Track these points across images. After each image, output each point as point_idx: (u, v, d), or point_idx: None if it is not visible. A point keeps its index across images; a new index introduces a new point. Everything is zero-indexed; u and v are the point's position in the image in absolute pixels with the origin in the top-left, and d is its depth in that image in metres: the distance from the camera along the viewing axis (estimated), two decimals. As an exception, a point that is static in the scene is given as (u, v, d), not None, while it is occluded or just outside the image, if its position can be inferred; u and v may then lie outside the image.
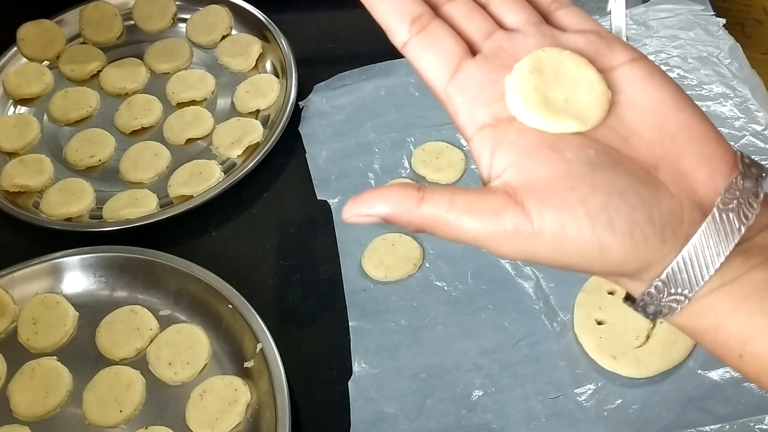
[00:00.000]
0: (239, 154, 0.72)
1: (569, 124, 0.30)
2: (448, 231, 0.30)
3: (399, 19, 0.33)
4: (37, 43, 0.83)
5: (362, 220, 0.30)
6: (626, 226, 0.28)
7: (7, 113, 0.79)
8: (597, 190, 0.28)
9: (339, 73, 0.78)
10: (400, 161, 0.70)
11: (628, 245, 0.28)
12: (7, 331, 0.62)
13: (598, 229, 0.28)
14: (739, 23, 0.95)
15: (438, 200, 0.30)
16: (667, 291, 0.29)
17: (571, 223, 0.28)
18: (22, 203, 0.71)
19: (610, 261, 0.29)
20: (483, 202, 0.29)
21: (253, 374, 0.57)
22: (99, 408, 0.57)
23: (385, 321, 0.60)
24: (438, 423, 0.55)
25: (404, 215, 0.30)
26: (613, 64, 0.32)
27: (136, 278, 0.63)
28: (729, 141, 0.70)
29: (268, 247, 0.67)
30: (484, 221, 0.29)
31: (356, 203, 0.30)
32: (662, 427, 0.52)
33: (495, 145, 0.31)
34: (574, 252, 0.29)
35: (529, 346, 0.57)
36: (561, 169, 0.29)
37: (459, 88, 0.32)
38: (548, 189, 0.29)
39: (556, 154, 0.30)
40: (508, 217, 0.29)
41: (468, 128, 0.32)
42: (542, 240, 0.29)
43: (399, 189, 0.30)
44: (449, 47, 0.32)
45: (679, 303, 0.29)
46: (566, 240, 0.28)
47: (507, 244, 0.29)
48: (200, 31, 0.84)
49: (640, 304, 0.31)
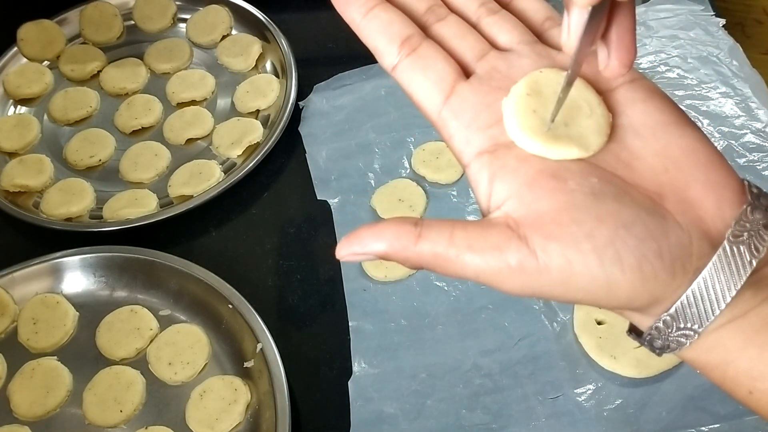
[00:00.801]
0: (239, 154, 0.72)
1: (571, 151, 0.29)
2: (448, 268, 0.28)
3: (387, 40, 0.31)
4: (37, 43, 0.83)
5: (357, 258, 0.29)
6: (635, 260, 0.27)
7: (7, 113, 0.79)
8: (603, 223, 0.27)
9: (339, 73, 0.78)
10: (400, 161, 0.70)
11: (637, 280, 0.27)
12: (7, 331, 0.62)
13: (606, 264, 0.27)
14: (739, 23, 0.95)
15: (436, 236, 0.28)
16: (675, 326, 0.28)
17: (578, 258, 0.27)
18: (22, 203, 0.71)
19: (618, 296, 0.28)
20: (484, 237, 0.28)
21: (253, 374, 0.57)
22: (99, 408, 0.57)
23: (385, 321, 0.60)
24: (438, 423, 0.55)
25: (401, 252, 0.29)
26: (611, 84, 0.31)
27: (136, 278, 0.64)
28: (730, 139, 0.70)
29: (268, 247, 0.67)
30: (486, 257, 0.28)
31: (350, 242, 0.29)
32: (662, 427, 0.52)
33: (493, 173, 0.29)
34: (580, 288, 0.27)
35: (529, 346, 0.57)
36: (564, 200, 0.28)
37: (453, 113, 0.31)
38: (552, 222, 0.28)
39: (558, 183, 0.28)
40: (511, 253, 0.27)
41: (464, 154, 0.31)
42: (548, 276, 0.27)
43: (395, 225, 0.29)
44: (441, 69, 0.31)
45: (688, 338, 0.28)
46: (573, 276, 0.27)
47: (510, 281, 0.28)
48: (200, 31, 0.84)
49: (646, 338, 0.29)
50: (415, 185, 0.68)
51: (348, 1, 0.32)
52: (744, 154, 0.67)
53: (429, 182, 0.69)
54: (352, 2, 0.32)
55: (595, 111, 0.30)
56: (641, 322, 0.30)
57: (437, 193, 0.68)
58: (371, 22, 0.32)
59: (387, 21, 0.31)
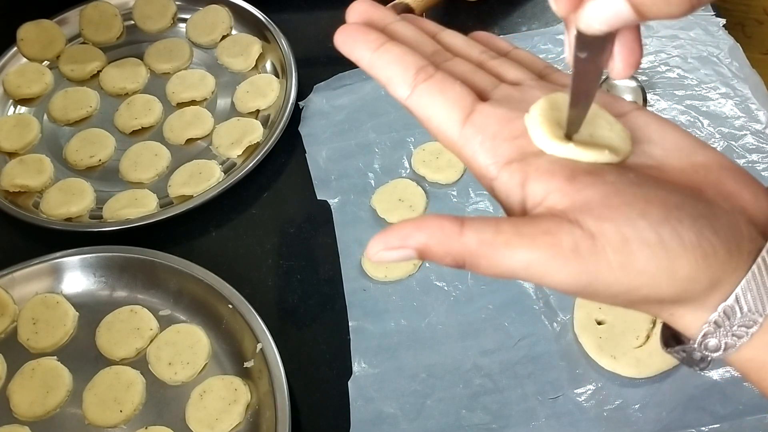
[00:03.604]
0: (239, 154, 0.72)
1: (603, 154, 0.29)
2: (494, 259, 0.26)
3: (402, 69, 0.31)
4: (37, 43, 0.83)
5: (392, 256, 0.27)
6: (693, 235, 0.26)
7: (7, 113, 0.79)
8: (653, 204, 0.26)
9: (339, 73, 0.78)
10: (400, 161, 0.70)
11: (699, 257, 0.26)
12: (7, 331, 0.62)
13: (665, 240, 0.26)
14: (739, 23, 0.95)
15: (481, 225, 0.26)
16: (736, 316, 0.27)
17: (635, 236, 0.26)
18: (22, 203, 0.71)
19: (680, 278, 0.26)
20: (533, 223, 0.26)
21: (253, 374, 0.57)
22: (99, 408, 0.57)
23: (385, 321, 0.60)
24: (438, 423, 0.55)
25: (443, 244, 0.26)
26: (622, 111, 0.31)
27: (136, 278, 0.64)
28: (729, 140, 0.70)
29: (268, 247, 0.67)
30: (537, 243, 0.26)
31: (386, 235, 0.27)
32: (662, 427, 0.52)
33: (525, 177, 0.28)
34: (640, 270, 0.26)
35: (529, 346, 0.57)
36: (608, 189, 0.27)
37: (476, 128, 0.30)
38: (602, 206, 0.26)
39: (596, 177, 0.27)
40: (564, 235, 0.26)
41: (491, 168, 0.29)
42: (604, 259, 0.26)
43: (436, 218, 0.27)
44: (460, 90, 0.30)
45: (748, 329, 0.27)
46: (631, 256, 0.26)
47: (565, 269, 0.26)
48: (200, 31, 0.84)
49: (699, 340, 0.28)
50: (415, 185, 0.68)
51: (355, 41, 0.32)
52: (744, 155, 0.67)
53: (429, 182, 0.69)
54: (360, 41, 0.32)
55: (615, 126, 0.30)
56: (692, 321, 0.28)
57: (437, 193, 0.68)
58: (383, 55, 0.31)
59: (400, 53, 0.31)
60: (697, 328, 0.28)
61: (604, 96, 0.32)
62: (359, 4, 0.33)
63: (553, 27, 0.80)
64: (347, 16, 0.33)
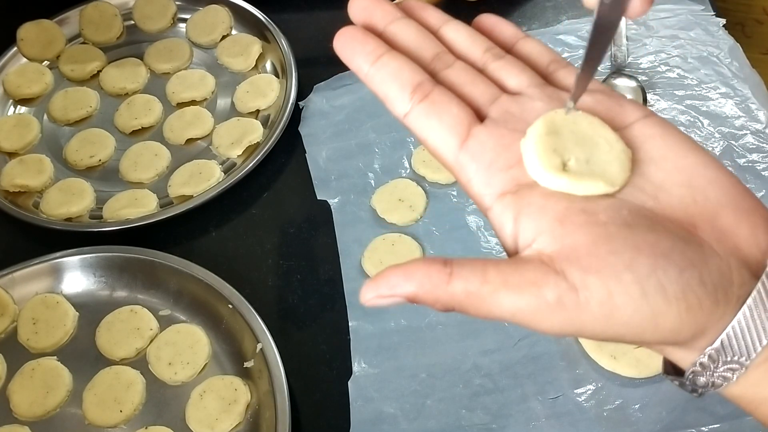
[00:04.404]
0: (239, 154, 0.72)
1: (597, 186, 0.28)
2: (482, 308, 0.27)
3: (398, 88, 0.31)
4: (37, 43, 0.83)
5: (384, 302, 0.28)
6: (679, 289, 0.26)
7: (7, 113, 0.79)
8: (641, 253, 0.26)
9: (339, 73, 0.78)
10: (400, 161, 0.70)
11: (683, 310, 0.26)
12: (7, 331, 0.62)
13: (649, 294, 0.26)
14: (739, 23, 0.95)
15: (468, 274, 0.27)
16: (721, 360, 0.27)
17: (619, 290, 0.26)
18: (22, 203, 0.71)
19: (664, 329, 0.26)
20: (519, 272, 0.27)
21: (253, 374, 0.57)
22: (99, 408, 0.57)
23: (385, 321, 0.60)
24: (438, 423, 0.55)
25: (431, 293, 0.27)
26: (626, 121, 0.31)
27: (136, 278, 0.63)
28: (730, 140, 0.70)
29: (268, 247, 0.67)
30: (523, 294, 0.26)
31: (377, 284, 0.28)
32: (662, 427, 0.52)
33: (519, 212, 0.28)
34: (623, 322, 0.26)
35: (529, 346, 0.57)
36: (598, 232, 0.27)
37: (471, 155, 0.30)
38: (589, 255, 0.26)
39: (589, 217, 0.27)
40: (549, 288, 0.26)
41: (485, 198, 0.29)
42: (588, 312, 0.26)
43: (424, 265, 0.28)
44: (456, 114, 0.30)
45: (734, 372, 0.27)
46: (615, 309, 0.26)
47: (549, 319, 0.26)
48: (200, 31, 0.84)
49: (689, 376, 0.28)
50: (415, 185, 0.68)
51: (354, 51, 0.32)
52: (744, 154, 0.67)
53: (429, 182, 0.68)
54: (358, 51, 0.31)
55: (615, 147, 0.30)
56: (683, 358, 0.28)
57: (437, 193, 0.68)
58: (380, 70, 0.31)
59: (397, 68, 0.31)
60: (687, 365, 0.28)
61: (611, 104, 0.31)
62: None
63: (553, 27, 0.80)
64: (349, 9, 0.33)
